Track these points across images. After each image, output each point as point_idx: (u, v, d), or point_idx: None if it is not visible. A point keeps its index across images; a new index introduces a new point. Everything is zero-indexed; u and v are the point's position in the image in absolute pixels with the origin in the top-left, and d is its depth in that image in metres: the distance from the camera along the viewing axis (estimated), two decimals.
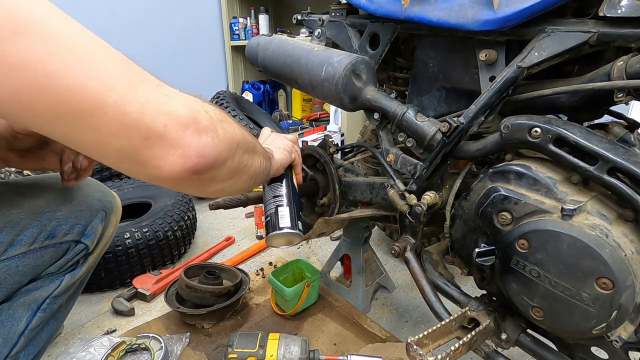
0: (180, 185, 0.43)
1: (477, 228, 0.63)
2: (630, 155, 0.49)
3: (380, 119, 0.76)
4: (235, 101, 1.98)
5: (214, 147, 0.42)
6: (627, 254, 0.47)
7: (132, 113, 0.36)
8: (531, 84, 0.64)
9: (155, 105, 0.38)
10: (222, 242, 1.50)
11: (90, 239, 0.72)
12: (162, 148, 0.39)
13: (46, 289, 0.68)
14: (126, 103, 0.36)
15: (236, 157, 0.48)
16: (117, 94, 0.35)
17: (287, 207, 0.68)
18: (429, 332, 0.57)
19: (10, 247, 0.61)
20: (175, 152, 0.39)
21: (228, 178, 0.49)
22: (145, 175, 0.41)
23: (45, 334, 0.70)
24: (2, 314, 0.63)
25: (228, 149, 0.46)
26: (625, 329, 0.52)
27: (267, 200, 0.70)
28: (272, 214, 0.67)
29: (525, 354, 0.68)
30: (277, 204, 0.68)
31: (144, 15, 2.29)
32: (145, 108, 0.37)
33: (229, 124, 0.48)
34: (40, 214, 0.65)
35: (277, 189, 0.70)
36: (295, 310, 1.04)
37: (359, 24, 0.90)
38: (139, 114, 0.36)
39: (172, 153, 0.39)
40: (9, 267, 0.61)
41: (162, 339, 0.89)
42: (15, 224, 0.62)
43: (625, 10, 0.50)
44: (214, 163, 0.43)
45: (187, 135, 0.40)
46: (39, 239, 0.64)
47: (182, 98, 0.41)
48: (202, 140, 0.41)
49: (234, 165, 0.48)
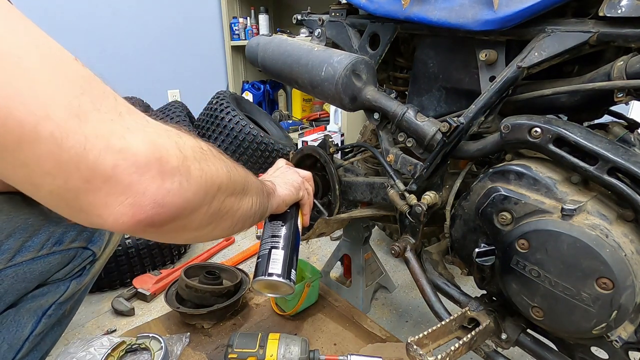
0: (137, 234, 0.36)
1: (477, 228, 0.63)
2: (630, 155, 0.49)
3: (380, 119, 0.76)
4: (235, 101, 1.98)
5: (179, 195, 0.35)
6: (627, 254, 0.47)
7: (72, 148, 0.30)
8: (531, 84, 0.64)
9: (105, 141, 0.31)
10: (222, 242, 1.50)
11: (98, 245, 0.72)
12: (107, 194, 0.32)
13: (52, 295, 0.68)
14: (65, 136, 0.29)
15: (215, 203, 0.41)
16: (55, 124, 0.29)
17: (282, 250, 0.61)
18: (429, 332, 0.57)
19: (18, 253, 0.60)
20: (124, 200, 0.32)
21: (203, 226, 0.42)
22: (88, 223, 0.35)
23: (49, 340, 0.70)
24: (8, 320, 0.62)
25: (203, 194, 0.38)
26: (625, 329, 0.52)
27: (263, 239, 0.64)
28: (264, 255, 0.61)
29: (525, 354, 0.68)
30: (272, 245, 0.61)
31: (144, 15, 2.30)
32: (90, 143, 0.30)
33: (212, 162, 0.40)
34: (48, 219, 0.65)
35: (276, 228, 0.63)
36: (295, 310, 1.04)
37: (359, 24, 0.90)
38: (80, 149, 0.30)
39: (120, 201, 0.32)
40: (17, 273, 0.60)
41: (162, 339, 0.89)
42: (23, 230, 0.61)
43: (625, 10, 0.50)
44: (179, 213, 0.36)
45: (144, 180, 0.32)
46: (47, 245, 0.63)
47: (148, 132, 0.34)
48: (164, 186, 0.34)
49: (211, 211, 0.41)
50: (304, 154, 1.00)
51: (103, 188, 0.31)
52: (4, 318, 0.62)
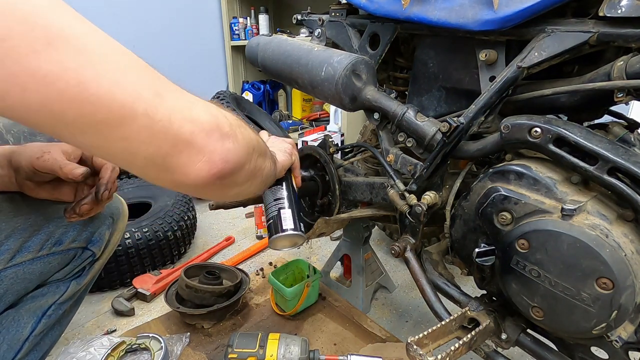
0: (203, 190, 0.43)
1: (477, 228, 0.63)
2: (630, 155, 0.49)
3: (380, 119, 0.76)
4: (235, 101, 1.98)
5: (235, 152, 0.43)
6: (627, 254, 0.47)
7: (161, 121, 0.36)
8: (531, 84, 0.64)
9: (181, 113, 0.38)
10: (222, 242, 1.50)
11: (97, 245, 0.72)
12: (189, 155, 0.39)
13: (52, 295, 0.68)
14: (155, 111, 0.36)
15: (252, 161, 0.49)
16: (145, 102, 0.36)
17: (289, 209, 0.68)
18: (429, 332, 0.57)
19: (18, 254, 0.60)
20: (202, 159, 0.40)
21: (245, 182, 0.49)
22: (171, 182, 0.41)
23: (48, 340, 0.70)
24: (8, 320, 0.63)
25: (246, 154, 0.46)
26: (625, 329, 0.52)
27: (268, 203, 0.71)
28: (274, 217, 0.68)
29: (525, 354, 0.67)
30: (279, 206, 0.68)
31: (144, 14, 2.30)
32: (172, 116, 0.37)
33: (245, 128, 0.48)
34: (48, 220, 0.65)
35: (278, 191, 0.71)
36: (295, 310, 1.04)
37: (359, 24, 0.90)
38: (167, 121, 0.37)
39: (199, 159, 0.40)
40: (16, 273, 0.61)
41: (162, 339, 0.89)
42: (23, 230, 0.62)
43: (625, 10, 0.50)
44: (236, 167, 0.44)
45: (212, 142, 0.40)
46: (46, 246, 0.64)
47: (204, 105, 0.42)
48: (225, 146, 0.42)
49: (250, 169, 0.49)
50: (304, 154, 1.00)
51: (185, 150, 0.39)
52: (3, 318, 0.63)
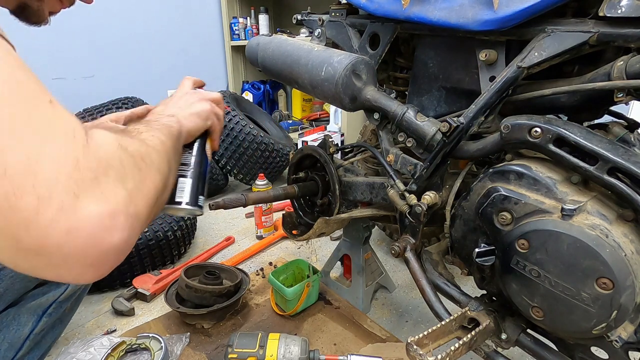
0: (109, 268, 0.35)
1: (477, 228, 0.63)
2: (630, 155, 0.49)
3: (380, 119, 0.76)
4: (236, 101, 1.98)
5: (132, 230, 0.35)
6: (627, 254, 0.47)
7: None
8: (531, 84, 0.64)
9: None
10: (222, 242, 1.50)
11: None
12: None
13: (52, 294, 0.68)
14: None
15: (158, 204, 0.42)
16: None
17: (190, 179, 0.63)
18: (429, 332, 0.57)
19: None
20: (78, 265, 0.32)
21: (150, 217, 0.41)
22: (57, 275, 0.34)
23: (49, 338, 0.70)
24: (9, 318, 0.63)
25: (147, 218, 0.38)
26: (625, 329, 0.52)
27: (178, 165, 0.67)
28: (175, 184, 0.63)
29: (525, 354, 0.68)
30: (180, 173, 0.62)
31: (144, 14, 2.30)
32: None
33: (149, 175, 0.39)
34: None
35: (185, 156, 0.64)
36: (295, 310, 1.04)
37: (359, 24, 0.90)
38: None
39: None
40: (16, 272, 0.61)
41: (162, 339, 0.89)
42: None
43: (625, 10, 0.50)
44: (134, 239, 0.36)
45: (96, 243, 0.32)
46: None
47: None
48: (114, 239, 0.33)
49: (156, 212, 0.43)
50: (304, 154, 1.00)
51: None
52: (4, 317, 0.63)
